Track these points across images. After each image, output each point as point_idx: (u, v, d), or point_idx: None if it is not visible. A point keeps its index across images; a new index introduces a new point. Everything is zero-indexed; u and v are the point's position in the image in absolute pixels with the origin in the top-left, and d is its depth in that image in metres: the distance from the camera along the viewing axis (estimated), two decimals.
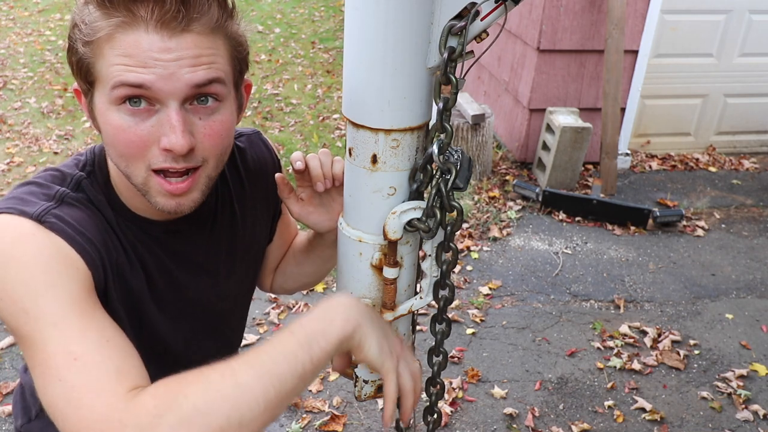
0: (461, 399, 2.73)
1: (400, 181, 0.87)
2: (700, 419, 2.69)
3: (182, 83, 0.79)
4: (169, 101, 0.80)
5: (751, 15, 4.58)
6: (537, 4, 4.21)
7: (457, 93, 0.80)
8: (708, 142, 5.04)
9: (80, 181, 0.92)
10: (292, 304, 3.24)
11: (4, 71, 6.35)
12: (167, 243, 0.99)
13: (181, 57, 0.78)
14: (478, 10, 0.78)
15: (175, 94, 0.79)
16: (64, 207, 0.86)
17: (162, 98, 0.80)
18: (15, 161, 4.60)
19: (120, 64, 0.78)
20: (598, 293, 3.45)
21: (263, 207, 1.15)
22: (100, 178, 0.94)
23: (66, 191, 0.88)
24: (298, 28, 8.12)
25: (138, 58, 0.77)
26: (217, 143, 0.86)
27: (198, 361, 1.13)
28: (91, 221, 0.88)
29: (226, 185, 1.08)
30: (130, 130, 0.81)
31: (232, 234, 1.08)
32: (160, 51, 0.77)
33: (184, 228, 1.01)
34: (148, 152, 0.82)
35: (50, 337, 0.74)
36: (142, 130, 0.81)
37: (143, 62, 0.77)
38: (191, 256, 1.03)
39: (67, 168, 0.94)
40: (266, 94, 6.02)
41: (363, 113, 0.83)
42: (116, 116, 0.81)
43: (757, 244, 3.96)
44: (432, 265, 0.93)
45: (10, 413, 2.53)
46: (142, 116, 0.81)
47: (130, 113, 0.80)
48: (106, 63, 0.79)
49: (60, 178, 0.91)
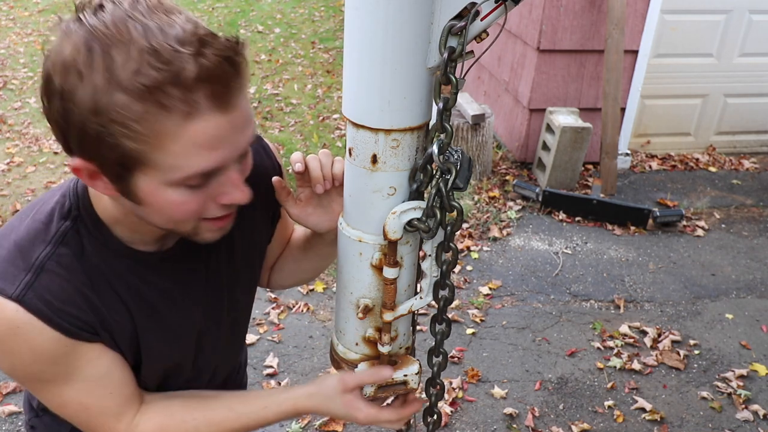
0: (461, 399, 2.73)
1: (400, 181, 0.87)
2: (700, 419, 2.69)
3: (242, 148, 0.81)
4: (231, 164, 0.82)
5: (751, 15, 4.58)
6: (537, 4, 4.21)
7: (457, 93, 0.80)
8: (708, 142, 5.04)
9: (65, 234, 0.89)
10: (292, 304, 3.24)
11: (4, 71, 6.35)
12: (166, 269, 0.98)
13: (239, 125, 0.78)
14: (478, 10, 0.78)
15: (234, 158, 0.81)
16: (44, 277, 0.85)
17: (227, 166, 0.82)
18: (15, 161, 4.60)
19: (192, 154, 0.75)
20: (598, 293, 3.45)
21: (262, 212, 1.14)
22: (88, 222, 0.90)
23: (47, 255, 0.87)
24: (298, 28, 8.12)
25: (211, 144, 0.75)
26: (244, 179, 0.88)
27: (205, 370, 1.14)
28: (69, 290, 0.87)
29: None
30: (191, 202, 0.81)
31: (229, 243, 1.07)
32: (226, 130, 0.76)
33: (180, 252, 0.99)
34: (204, 211, 0.84)
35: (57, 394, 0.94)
36: (199, 198, 0.81)
37: (214, 146, 0.76)
38: (192, 273, 1.02)
39: (49, 218, 0.90)
40: (266, 94, 6.02)
41: (363, 113, 0.83)
42: (174, 194, 0.79)
43: (757, 244, 3.96)
44: (432, 265, 0.93)
45: (11, 413, 2.53)
46: (200, 186, 0.81)
47: (190, 189, 0.79)
48: (168, 153, 0.75)
49: (43, 232, 0.88)
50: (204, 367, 1.13)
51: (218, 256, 1.06)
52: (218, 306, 1.09)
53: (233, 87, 0.75)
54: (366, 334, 0.98)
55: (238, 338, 1.23)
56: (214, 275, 1.06)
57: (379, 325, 0.96)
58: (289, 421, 2.58)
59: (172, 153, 0.74)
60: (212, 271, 1.05)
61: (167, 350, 1.02)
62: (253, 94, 5.99)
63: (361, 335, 0.99)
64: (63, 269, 0.87)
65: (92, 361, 0.91)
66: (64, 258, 0.88)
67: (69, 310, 0.87)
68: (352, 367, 1.01)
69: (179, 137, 0.73)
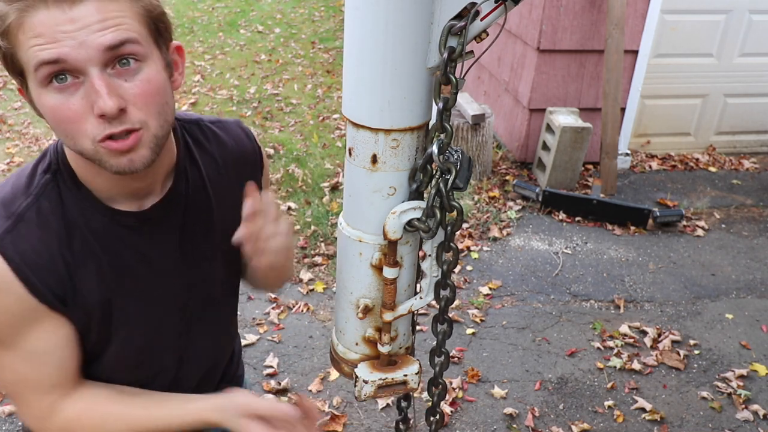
0: (461, 399, 2.73)
1: (400, 181, 0.87)
2: (700, 419, 2.69)
3: (93, 48, 0.81)
4: (89, 69, 0.82)
5: (751, 15, 4.58)
6: (537, 4, 4.21)
7: (457, 93, 0.81)
8: (708, 142, 5.04)
9: (46, 186, 0.94)
10: (292, 304, 3.24)
11: (4, 71, 6.34)
12: (142, 231, 1.01)
13: (87, 24, 0.81)
14: (478, 10, 0.78)
15: (91, 60, 0.82)
16: (22, 226, 0.91)
17: (81, 68, 0.82)
18: (15, 161, 4.60)
19: (34, 46, 0.80)
20: (598, 293, 3.45)
21: (240, 194, 1.15)
22: (66, 177, 0.96)
23: (27, 205, 0.92)
24: (298, 28, 8.12)
25: (47, 36, 0.80)
26: (150, 101, 0.87)
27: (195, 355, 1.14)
28: (46, 240, 0.92)
29: (198, 170, 1.08)
30: (64, 106, 0.83)
31: (208, 218, 1.09)
32: (65, 23, 0.80)
33: (157, 214, 1.02)
34: (86, 124, 0.84)
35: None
36: (73, 104, 0.83)
37: (53, 38, 0.80)
38: (167, 239, 1.04)
39: (32, 172, 0.96)
40: (266, 94, 6.02)
41: (363, 113, 0.83)
42: (48, 97, 0.84)
43: (757, 244, 3.96)
44: (432, 265, 0.93)
45: (11, 413, 2.54)
46: (71, 91, 0.83)
47: (59, 90, 0.83)
48: (23, 49, 0.81)
49: (25, 186, 0.94)
50: (189, 352, 1.13)
51: (195, 227, 1.07)
52: (197, 280, 1.09)
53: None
54: (366, 334, 0.98)
55: (223, 322, 1.22)
56: (190, 245, 1.07)
57: (379, 325, 0.96)
58: None
59: (23, 47, 0.81)
60: (187, 241, 1.06)
61: (145, 317, 1.03)
62: (253, 94, 5.99)
63: (361, 335, 0.99)
64: (42, 221, 0.93)
65: (45, 334, 0.95)
66: (44, 210, 0.93)
67: (42, 263, 0.91)
68: (352, 367, 1.01)
69: (24, 29, 0.80)
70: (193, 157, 1.08)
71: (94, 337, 1.00)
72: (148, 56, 0.87)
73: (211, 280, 1.13)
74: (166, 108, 0.91)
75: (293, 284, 3.39)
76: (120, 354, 1.04)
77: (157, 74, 0.89)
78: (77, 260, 0.95)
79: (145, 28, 0.87)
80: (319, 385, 2.76)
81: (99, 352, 1.03)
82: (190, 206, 1.06)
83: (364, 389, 1.00)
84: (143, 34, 0.87)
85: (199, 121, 1.12)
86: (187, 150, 1.07)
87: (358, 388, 1.02)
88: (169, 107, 0.92)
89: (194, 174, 1.08)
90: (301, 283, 3.40)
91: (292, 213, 4.00)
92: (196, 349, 1.15)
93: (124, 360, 1.05)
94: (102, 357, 1.04)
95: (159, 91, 0.89)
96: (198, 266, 1.09)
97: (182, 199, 1.05)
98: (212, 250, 1.10)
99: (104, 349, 1.03)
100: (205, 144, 1.11)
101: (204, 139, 1.11)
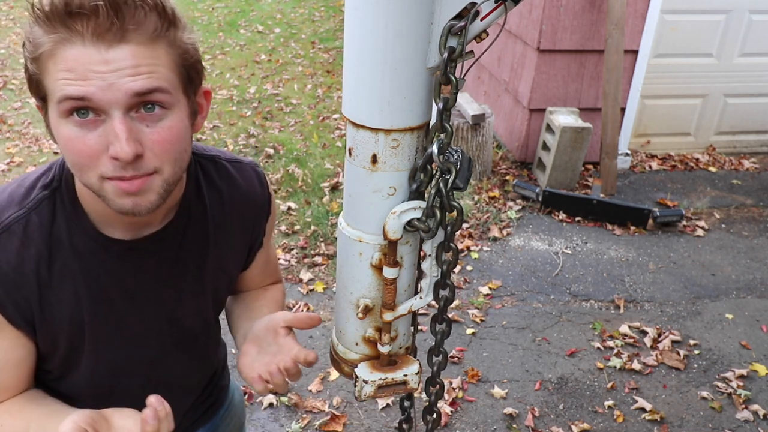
0: (461, 399, 2.73)
1: (400, 181, 0.87)
2: (700, 419, 2.69)
3: (121, 92, 0.81)
4: (113, 111, 0.81)
5: (751, 15, 4.58)
6: (537, 4, 4.21)
7: (457, 93, 0.80)
8: (708, 142, 5.04)
9: (41, 202, 0.95)
10: (292, 304, 3.24)
11: (4, 71, 6.35)
12: (129, 260, 1.00)
13: (119, 68, 0.80)
14: (478, 10, 0.78)
15: (117, 103, 0.81)
16: (4, 237, 0.92)
17: (105, 108, 0.81)
18: (15, 161, 4.60)
19: (62, 78, 0.80)
20: (598, 293, 3.45)
21: (242, 237, 1.15)
22: (65, 197, 0.96)
23: (17, 218, 0.93)
24: (298, 28, 8.12)
25: (78, 72, 0.79)
26: (168, 149, 0.87)
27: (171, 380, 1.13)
28: (24, 256, 0.93)
29: (203, 206, 1.08)
30: (79, 140, 0.83)
31: (202, 254, 1.08)
32: (98, 63, 0.79)
33: (147, 246, 1.01)
34: (98, 162, 0.84)
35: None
36: (90, 140, 0.83)
37: (83, 75, 0.79)
38: (155, 271, 1.03)
39: (33, 185, 0.96)
40: (266, 94, 6.02)
41: (363, 113, 0.83)
42: (66, 128, 0.83)
43: (757, 244, 3.96)
44: (432, 265, 0.93)
45: None
46: (90, 127, 0.82)
47: (78, 125, 0.82)
48: (51, 78, 0.82)
49: (22, 198, 0.95)
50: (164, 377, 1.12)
51: (187, 263, 1.06)
52: (180, 314, 1.08)
53: (117, 28, 0.79)
54: (366, 334, 0.98)
55: (202, 353, 1.21)
56: (179, 279, 1.06)
57: (379, 325, 0.96)
58: (289, 421, 2.58)
59: (51, 77, 0.81)
60: (177, 275, 1.05)
61: (116, 343, 1.02)
62: (253, 94, 5.99)
63: (361, 335, 0.99)
64: (26, 236, 0.93)
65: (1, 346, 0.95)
66: (32, 226, 0.93)
67: (12, 277, 0.92)
68: (352, 367, 1.01)
69: (56, 60, 0.80)
70: (200, 194, 1.07)
71: (61, 355, 1.00)
72: (174, 104, 0.87)
73: (194, 316, 1.12)
74: (183, 155, 0.91)
75: (293, 284, 3.39)
76: (88, 376, 1.03)
77: (180, 122, 0.88)
78: (54, 279, 0.95)
79: (176, 76, 0.87)
80: (319, 385, 2.76)
81: (66, 371, 1.03)
82: (186, 241, 1.06)
83: (364, 389, 1.00)
84: (174, 82, 0.86)
85: (216, 158, 1.12)
86: (196, 186, 1.07)
87: (358, 388, 1.01)
88: (187, 154, 0.92)
89: (198, 211, 1.07)
90: (301, 283, 3.40)
91: (292, 213, 4.00)
92: (173, 377, 1.14)
93: (92, 381, 1.04)
94: (68, 376, 1.04)
95: (179, 140, 0.88)
96: (182, 301, 1.08)
97: (180, 233, 1.04)
98: (202, 286, 1.09)
99: (71, 369, 1.02)
100: (217, 181, 1.10)
101: (216, 176, 1.10)
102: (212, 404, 1.31)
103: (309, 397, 2.70)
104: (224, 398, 1.35)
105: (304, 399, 2.68)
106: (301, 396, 2.70)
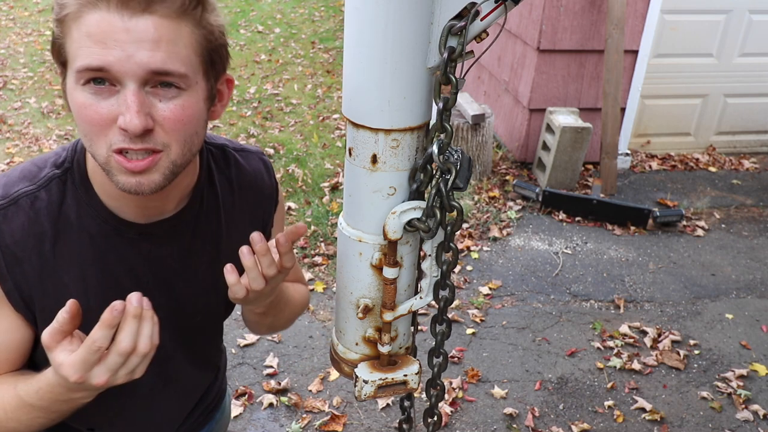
0: (461, 399, 2.73)
1: (400, 181, 0.87)
2: (700, 419, 2.69)
3: (139, 66, 0.79)
4: (127, 82, 0.80)
5: (751, 15, 4.58)
6: (537, 4, 4.21)
7: (457, 93, 0.80)
8: (708, 142, 5.04)
9: (51, 180, 0.94)
10: None
11: (4, 71, 6.35)
12: (140, 245, 0.98)
13: (140, 39, 0.79)
14: (478, 10, 0.78)
15: (133, 76, 0.80)
16: (11, 209, 0.91)
17: (121, 79, 0.80)
18: (15, 161, 4.60)
19: (83, 46, 0.79)
20: (598, 293, 3.45)
21: (250, 226, 1.12)
22: (77, 176, 0.95)
23: (26, 192, 0.92)
24: (298, 28, 8.12)
25: (99, 38, 0.78)
26: (178, 128, 0.85)
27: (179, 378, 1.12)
28: (28, 231, 0.91)
29: (215, 194, 1.07)
30: (92, 108, 0.82)
31: (216, 244, 1.07)
32: (120, 31, 0.78)
33: (161, 232, 0.99)
34: (108, 131, 0.83)
35: None
36: (102, 108, 0.82)
37: (103, 42, 0.78)
38: (166, 261, 1.02)
39: (44, 164, 0.96)
40: (266, 94, 6.02)
41: (363, 113, 0.83)
42: (81, 95, 0.82)
43: (757, 244, 3.96)
44: (432, 265, 0.93)
45: None
46: (104, 95, 0.81)
47: (93, 92, 0.81)
48: (73, 43, 0.80)
49: (33, 174, 0.94)
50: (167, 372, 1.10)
51: (200, 257, 1.04)
52: (184, 302, 1.06)
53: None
54: (366, 334, 0.98)
55: (208, 347, 1.20)
56: (190, 272, 1.04)
57: (379, 325, 0.96)
58: (289, 421, 2.58)
59: (74, 41, 0.80)
60: (189, 267, 1.04)
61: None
62: (253, 94, 5.99)
63: (361, 335, 0.99)
64: (33, 211, 0.92)
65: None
66: (40, 202, 0.92)
67: (15, 251, 0.90)
68: (352, 367, 1.01)
69: (79, 24, 0.79)
70: (212, 182, 1.07)
71: None
72: (191, 86, 0.85)
73: (205, 313, 1.10)
74: (194, 138, 0.89)
75: None
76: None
77: (195, 104, 0.87)
78: (59, 261, 0.93)
79: (197, 58, 0.85)
80: (319, 385, 2.76)
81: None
82: (200, 230, 1.05)
83: (364, 389, 1.00)
84: (194, 64, 0.85)
85: (225, 147, 1.11)
86: (208, 174, 1.06)
87: (358, 388, 1.01)
88: (198, 137, 0.90)
89: (211, 198, 1.06)
90: None
91: (293, 213, 4.00)
92: (181, 374, 1.13)
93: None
94: None
95: (191, 120, 0.87)
96: (194, 296, 1.06)
97: (193, 221, 1.03)
98: (215, 279, 1.05)
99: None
100: (226, 170, 1.09)
101: (225, 165, 1.10)
102: (213, 407, 1.31)
103: (309, 397, 2.70)
104: (221, 402, 1.35)
105: (304, 399, 2.68)
106: (301, 396, 2.70)
